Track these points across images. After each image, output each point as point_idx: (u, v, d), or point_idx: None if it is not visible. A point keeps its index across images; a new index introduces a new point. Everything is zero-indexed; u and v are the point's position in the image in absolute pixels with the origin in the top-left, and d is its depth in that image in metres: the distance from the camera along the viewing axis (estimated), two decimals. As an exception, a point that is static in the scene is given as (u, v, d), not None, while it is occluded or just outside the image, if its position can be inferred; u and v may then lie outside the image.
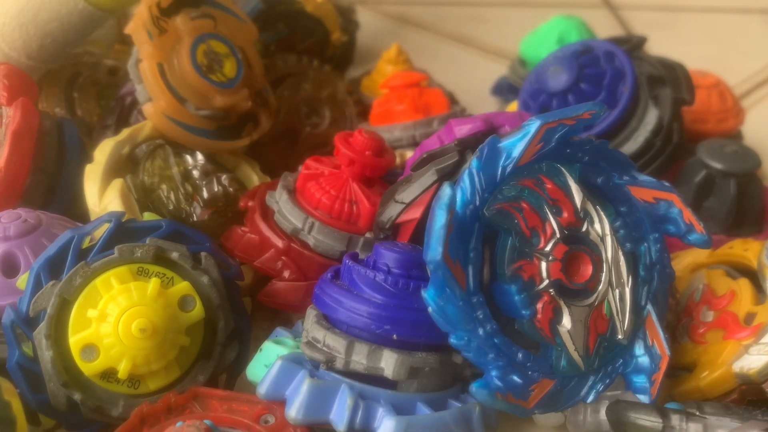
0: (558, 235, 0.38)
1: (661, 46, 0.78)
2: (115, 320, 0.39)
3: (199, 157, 0.53)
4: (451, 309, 0.34)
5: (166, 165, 0.52)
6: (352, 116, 0.66)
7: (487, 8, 1.02)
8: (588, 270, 0.38)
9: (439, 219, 0.34)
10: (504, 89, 0.75)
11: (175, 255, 0.42)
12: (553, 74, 0.56)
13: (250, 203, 0.50)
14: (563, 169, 0.39)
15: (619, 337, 0.39)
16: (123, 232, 0.43)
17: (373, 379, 0.38)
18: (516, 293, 0.36)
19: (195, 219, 0.51)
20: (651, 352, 0.40)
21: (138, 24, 0.52)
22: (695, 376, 0.41)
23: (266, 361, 0.41)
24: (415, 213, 0.42)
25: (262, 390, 0.38)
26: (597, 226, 0.39)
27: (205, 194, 0.51)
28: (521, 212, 0.37)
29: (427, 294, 0.34)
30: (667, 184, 0.42)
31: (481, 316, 0.35)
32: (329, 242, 0.47)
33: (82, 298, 0.40)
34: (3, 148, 0.50)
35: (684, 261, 0.49)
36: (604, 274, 0.39)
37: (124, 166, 0.52)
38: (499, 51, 0.90)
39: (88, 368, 0.39)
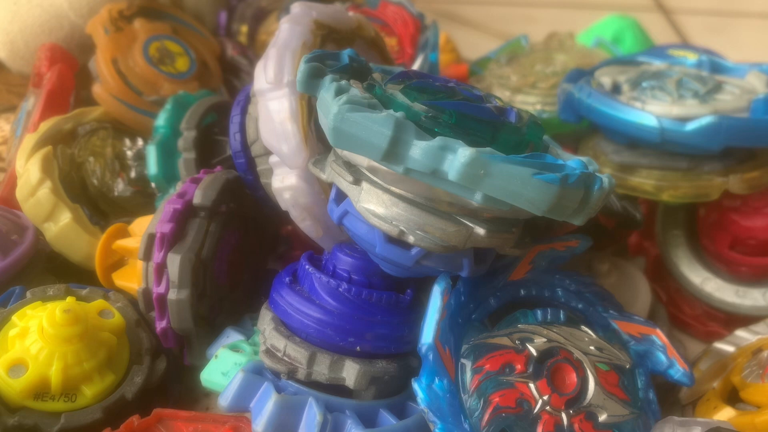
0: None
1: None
2: (38, 326, 0.39)
3: (140, 142, 0.55)
4: (443, 403, 0.35)
5: (103, 144, 0.54)
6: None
7: (536, 9, 1.01)
8: (572, 377, 0.38)
9: (433, 304, 0.37)
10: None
11: (84, 292, 0.45)
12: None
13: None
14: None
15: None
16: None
17: (332, 385, 0.38)
18: None
19: (116, 194, 0.53)
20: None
21: (96, 22, 0.57)
22: (756, 412, 0.40)
23: (223, 369, 0.40)
24: None
25: (225, 403, 0.37)
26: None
27: (133, 174, 0.53)
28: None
29: (418, 384, 0.35)
30: (650, 322, 0.43)
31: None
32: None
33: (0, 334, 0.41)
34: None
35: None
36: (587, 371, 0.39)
37: (64, 140, 0.53)
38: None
39: (20, 385, 0.38)
